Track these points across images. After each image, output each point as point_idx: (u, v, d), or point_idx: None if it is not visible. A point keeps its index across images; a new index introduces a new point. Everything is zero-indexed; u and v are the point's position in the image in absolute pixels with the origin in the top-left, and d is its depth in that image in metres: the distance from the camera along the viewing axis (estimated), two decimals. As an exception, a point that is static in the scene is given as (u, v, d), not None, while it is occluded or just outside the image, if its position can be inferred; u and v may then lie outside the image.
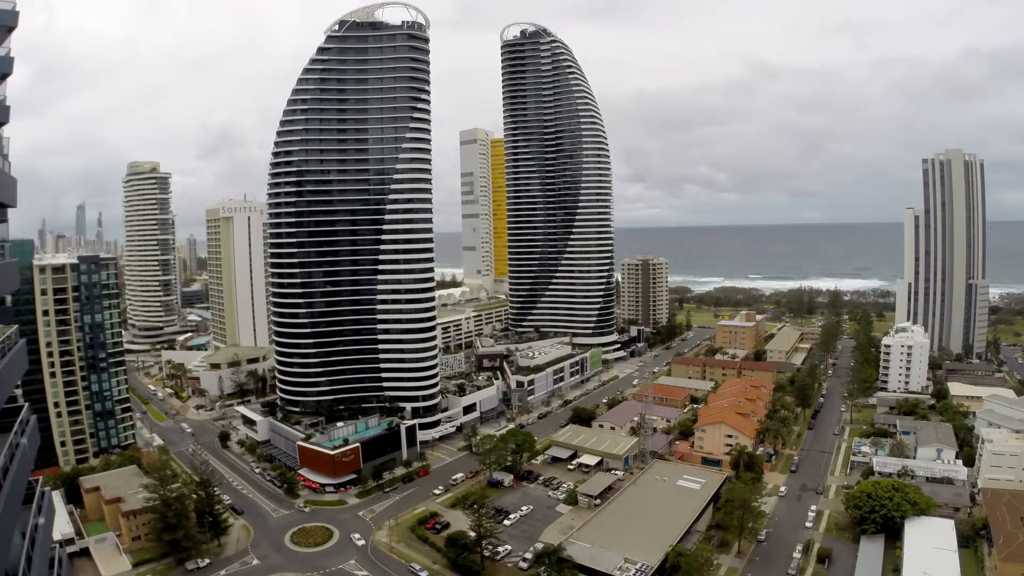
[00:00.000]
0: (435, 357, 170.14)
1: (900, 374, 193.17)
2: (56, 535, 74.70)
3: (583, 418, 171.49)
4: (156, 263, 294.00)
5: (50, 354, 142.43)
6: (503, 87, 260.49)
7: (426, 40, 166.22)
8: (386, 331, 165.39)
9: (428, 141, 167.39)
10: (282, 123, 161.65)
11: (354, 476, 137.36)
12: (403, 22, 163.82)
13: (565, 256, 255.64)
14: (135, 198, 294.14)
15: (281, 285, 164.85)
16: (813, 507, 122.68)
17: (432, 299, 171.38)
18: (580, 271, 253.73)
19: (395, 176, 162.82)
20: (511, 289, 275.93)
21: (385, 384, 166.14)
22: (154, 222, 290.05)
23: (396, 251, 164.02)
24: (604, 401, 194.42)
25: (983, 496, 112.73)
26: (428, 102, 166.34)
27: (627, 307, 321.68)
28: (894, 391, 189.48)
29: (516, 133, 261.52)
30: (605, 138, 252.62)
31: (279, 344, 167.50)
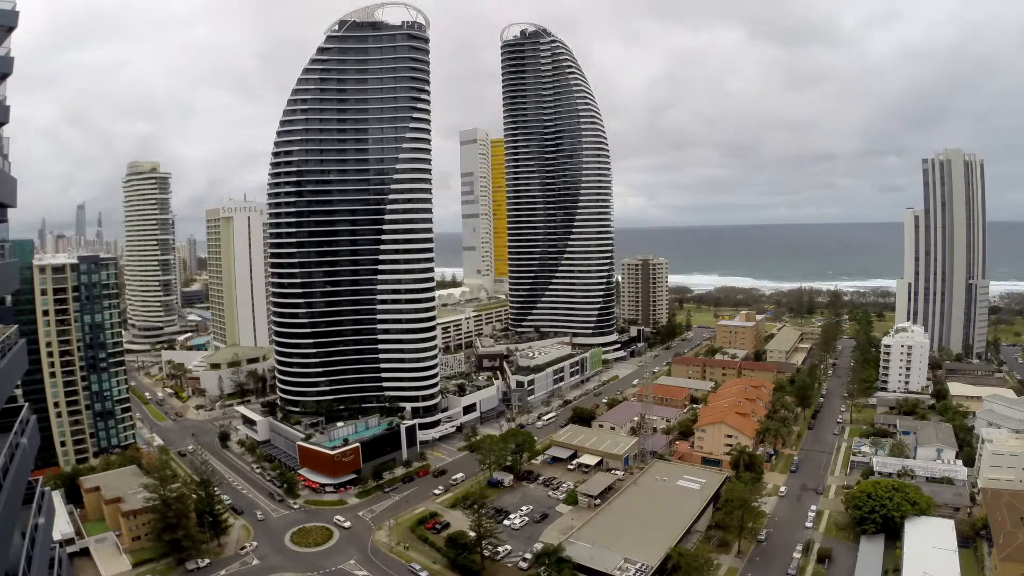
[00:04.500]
0: (435, 357, 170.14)
1: (900, 374, 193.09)
2: (56, 535, 74.69)
3: (583, 418, 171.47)
4: (156, 263, 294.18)
5: (50, 354, 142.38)
6: (503, 87, 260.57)
7: (426, 40, 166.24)
8: (386, 331, 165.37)
9: (428, 141, 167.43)
10: (282, 123, 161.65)
11: (354, 476, 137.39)
12: (403, 22, 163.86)
13: (565, 256, 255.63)
14: (135, 198, 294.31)
15: (281, 285, 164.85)
16: (813, 507, 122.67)
17: (432, 299, 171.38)
18: (580, 271, 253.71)
19: (395, 176, 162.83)
20: (511, 289, 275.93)
21: (385, 384, 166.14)
22: (154, 222, 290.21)
23: (396, 251, 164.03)
24: (604, 401, 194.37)
25: (983, 496, 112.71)
26: (428, 102, 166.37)
27: (627, 307, 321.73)
28: (894, 391, 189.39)
29: (516, 133, 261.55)
30: (605, 138, 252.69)
31: (279, 344, 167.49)
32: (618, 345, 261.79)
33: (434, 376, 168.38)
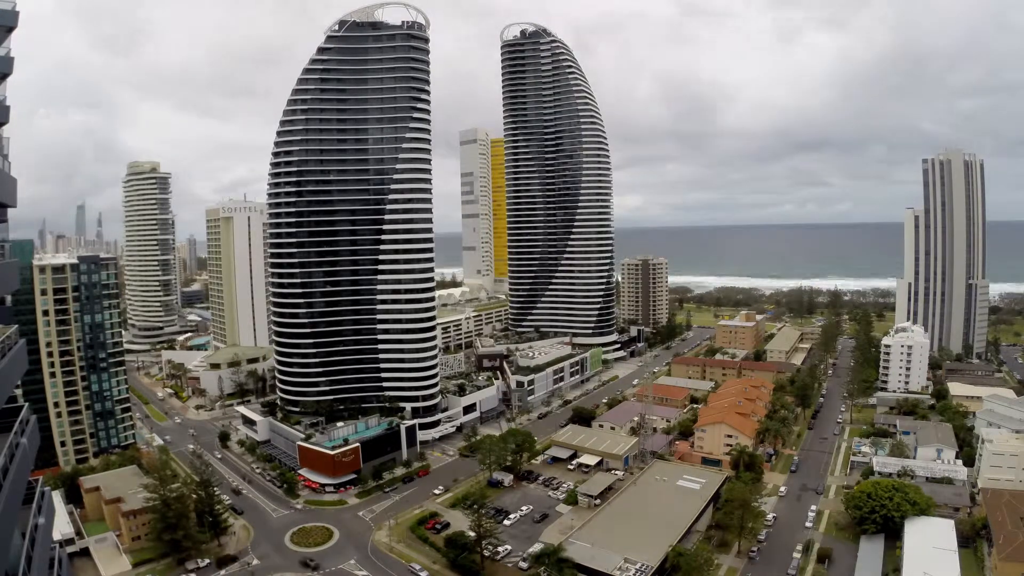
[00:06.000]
0: (435, 357, 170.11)
1: (900, 374, 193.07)
2: (56, 535, 74.70)
3: (583, 418, 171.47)
4: (156, 263, 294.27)
5: (50, 354, 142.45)
6: (503, 87, 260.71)
7: (426, 40, 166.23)
8: (386, 331, 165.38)
9: (428, 141, 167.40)
10: (282, 123, 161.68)
11: (354, 476, 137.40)
12: (403, 22, 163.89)
13: (565, 256, 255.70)
14: (135, 198, 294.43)
15: (281, 285, 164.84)
16: (813, 507, 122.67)
17: (432, 299, 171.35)
18: (580, 271, 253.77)
19: (395, 176, 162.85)
20: (511, 289, 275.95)
21: (385, 384, 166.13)
22: (154, 222, 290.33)
23: (396, 251, 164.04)
24: (604, 401, 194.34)
25: (983, 496, 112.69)
26: (428, 102, 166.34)
27: (627, 307, 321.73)
28: (894, 391, 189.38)
29: (516, 133, 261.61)
30: (605, 138, 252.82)
31: (279, 344, 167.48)
32: (618, 345, 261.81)
33: (434, 376, 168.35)
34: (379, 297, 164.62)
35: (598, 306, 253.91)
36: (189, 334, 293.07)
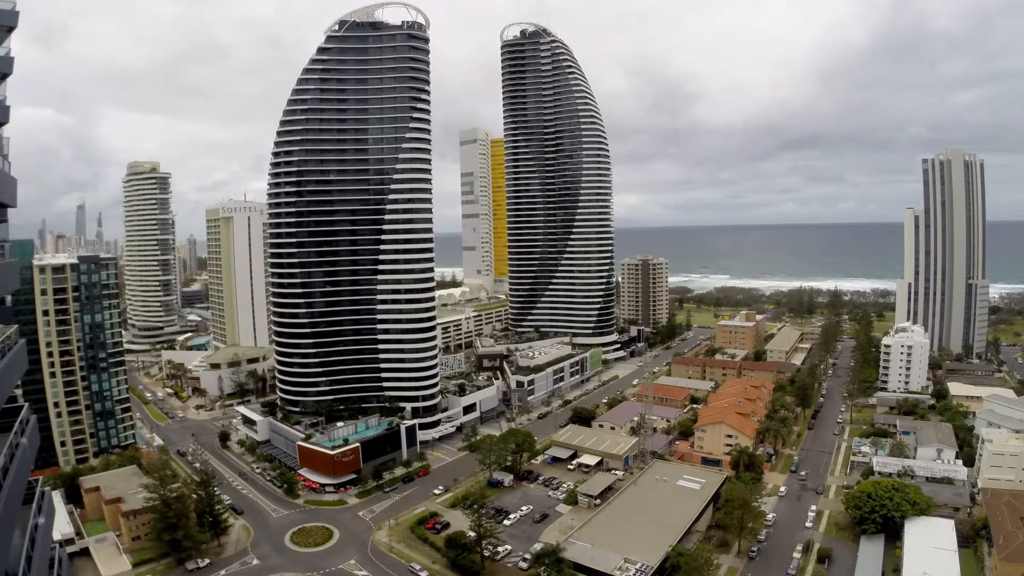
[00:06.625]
0: (435, 357, 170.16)
1: (900, 374, 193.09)
2: (56, 535, 74.67)
3: (583, 418, 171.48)
4: (156, 263, 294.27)
5: (50, 354, 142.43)
6: (503, 87, 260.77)
7: (426, 40, 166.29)
8: (386, 331, 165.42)
9: (428, 141, 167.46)
10: (282, 123, 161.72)
11: (354, 476, 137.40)
12: (403, 22, 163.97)
13: (565, 256, 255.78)
14: (135, 198, 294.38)
15: (281, 285, 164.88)
16: (813, 507, 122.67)
17: (432, 299, 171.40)
18: (580, 271, 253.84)
19: (395, 176, 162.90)
20: (511, 289, 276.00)
21: (385, 384, 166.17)
22: (154, 222, 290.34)
23: (396, 251, 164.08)
24: (604, 401, 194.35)
25: (983, 496, 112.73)
26: (428, 102, 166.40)
27: (627, 307, 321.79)
28: (894, 391, 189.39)
29: (516, 133, 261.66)
30: (605, 138, 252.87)
31: (279, 344, 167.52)
32: (618, 345, 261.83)
33: (434, 376, 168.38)
34: (379, 297, 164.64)
35: (598, 306, 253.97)
36: (189, 334, 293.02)
